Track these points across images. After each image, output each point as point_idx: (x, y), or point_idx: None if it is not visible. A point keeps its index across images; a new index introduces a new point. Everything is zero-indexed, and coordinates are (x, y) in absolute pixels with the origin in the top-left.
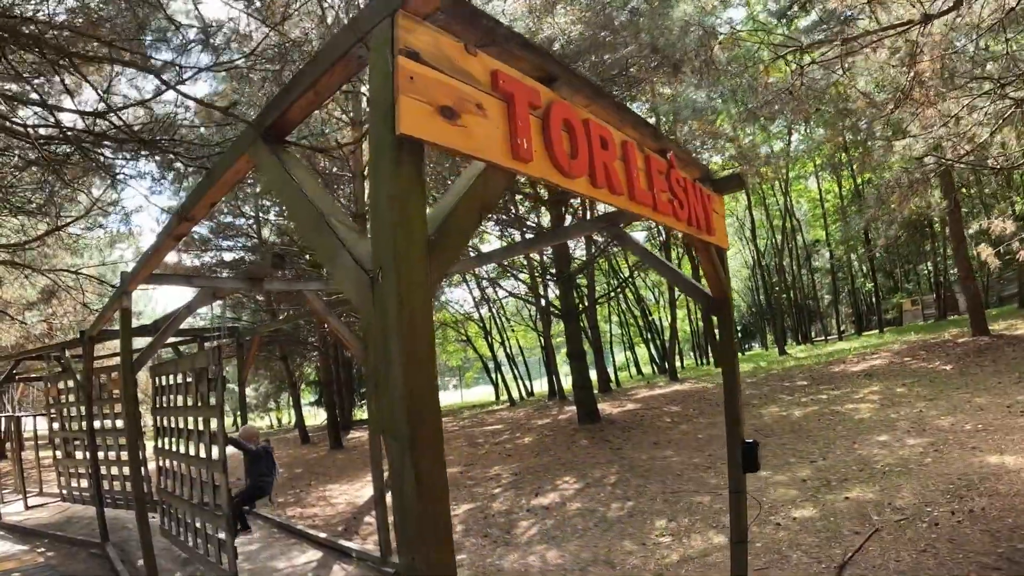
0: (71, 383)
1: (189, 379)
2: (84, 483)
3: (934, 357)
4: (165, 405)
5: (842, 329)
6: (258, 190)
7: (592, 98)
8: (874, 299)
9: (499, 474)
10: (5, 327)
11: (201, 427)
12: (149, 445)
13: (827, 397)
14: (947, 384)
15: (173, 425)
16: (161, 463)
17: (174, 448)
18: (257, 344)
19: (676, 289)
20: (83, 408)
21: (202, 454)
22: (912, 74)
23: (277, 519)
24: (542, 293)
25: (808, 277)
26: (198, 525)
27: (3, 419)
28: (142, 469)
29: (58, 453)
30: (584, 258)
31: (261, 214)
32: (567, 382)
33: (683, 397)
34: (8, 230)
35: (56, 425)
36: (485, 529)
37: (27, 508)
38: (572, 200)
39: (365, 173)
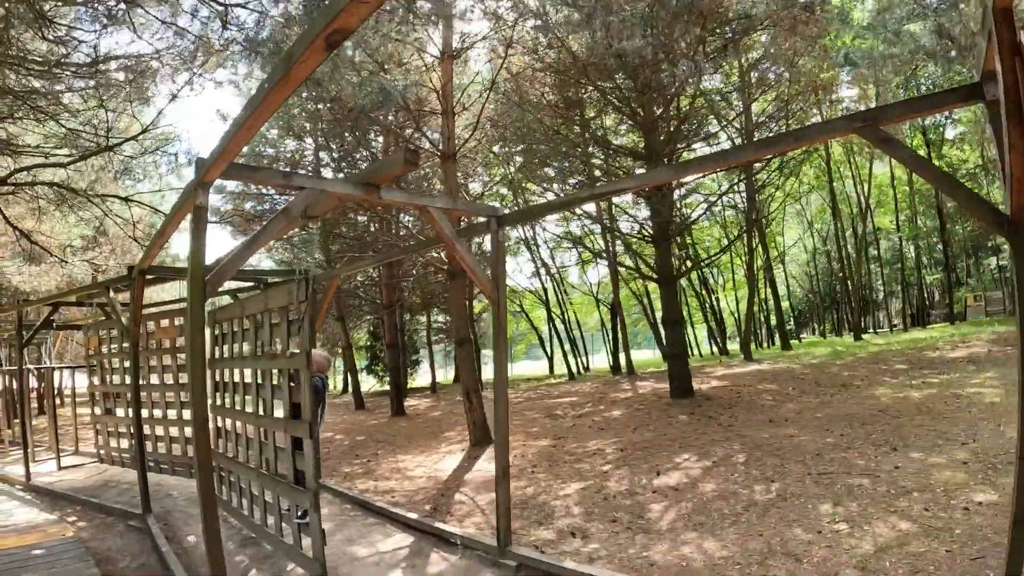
0: (114, 332)
1: (261, 322)
2: (124, 443)
3: None
4: (228, 355)
5: (894, 323)
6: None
7: None
8: (936, 292)
9: (601, 449)
10: (46, 269)
11: (277, 380)
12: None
13: (939, 381)
14: None
15: (238, 380)
16: (220, 423)
17: (239, 407)
18: (334, 289)
19: (754, 267)
20: (127, 360)
21: (279, 413)
22: None
23: (349, 493)
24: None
25: (876, 267)
26: (268, 499)
27: (34, 371)
28: (209, 426)
29: (96, 409)
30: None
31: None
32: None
33: (771, 376)
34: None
35: (96, 379)
36: (610, 512)
37: (60, 469)
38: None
39: (456, 109)
